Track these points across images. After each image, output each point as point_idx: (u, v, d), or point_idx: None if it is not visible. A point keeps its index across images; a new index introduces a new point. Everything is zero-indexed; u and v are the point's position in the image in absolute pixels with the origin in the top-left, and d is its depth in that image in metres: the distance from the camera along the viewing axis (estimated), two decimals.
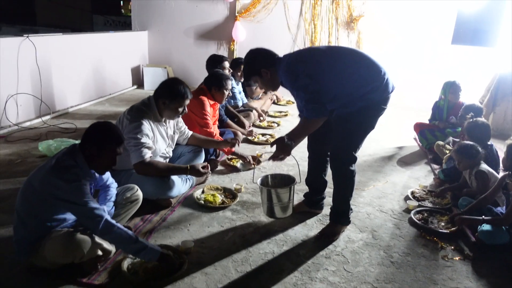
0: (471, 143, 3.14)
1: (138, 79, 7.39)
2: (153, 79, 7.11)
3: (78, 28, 13.21)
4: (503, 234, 2.56)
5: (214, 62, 4.49)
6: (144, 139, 2.68)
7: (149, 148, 2.71)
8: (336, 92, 2.39)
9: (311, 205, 2.93)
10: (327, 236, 2.61)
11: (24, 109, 4.68)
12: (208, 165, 2.93)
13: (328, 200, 2.93)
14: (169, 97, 2.77)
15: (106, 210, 2.11)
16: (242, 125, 4.60)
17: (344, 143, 2.48)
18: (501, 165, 3.24)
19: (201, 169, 2.81)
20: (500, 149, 3.62)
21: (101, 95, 6.25)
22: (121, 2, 17.93)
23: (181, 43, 7.47)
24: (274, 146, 2.52)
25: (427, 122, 4.62)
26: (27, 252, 2.07)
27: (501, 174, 2.91)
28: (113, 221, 2.01)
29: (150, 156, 2.72)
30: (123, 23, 15.93)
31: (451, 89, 4.39)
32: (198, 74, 4.63)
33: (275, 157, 2.54)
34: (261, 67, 2.49)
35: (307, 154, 2.83)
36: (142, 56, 7.53)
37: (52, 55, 5.04)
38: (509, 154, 2.66)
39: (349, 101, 2.38)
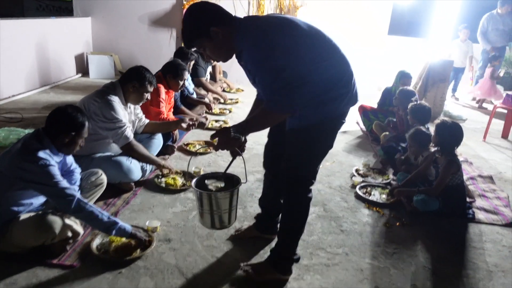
0: (425, 131, 3.39)
1: (82, 67, 7.16)
2: (98, 67, 6.93)
3: (7, 13, 12.27)
4: (434, 202, 2.94)
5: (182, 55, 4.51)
6: (123, 120, 2.82)
7: (129, 127, 2.85)
8: (301, 84, 1.81)
9: (262, 229, 2.48)
10: (251, 274, 2.12)
11: None
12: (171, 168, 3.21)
13: None
14: (140, 81, 2.90)
15: (77, 189, 2.16)
16: (208, 107, 5.01)
17: (298, 163, 2.00)
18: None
19: (172, 168, 3.20)
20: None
21: (45, 83, 6.00)
22: None
23: (128, 31, 7.32)
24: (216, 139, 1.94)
25: (373, 106, 4.98)
26: None
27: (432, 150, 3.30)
28: (85, 200, 2.08)
29: None
30: (58, 8, 15.05)
31: (401, 79, 4.76)
32: (146, 63, 4.50)
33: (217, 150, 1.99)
34: (211, 25, 1.81)
35: (255, 144, 2.70)
36: (86, 43, 7.29)
37: None
38: (437, 132, 3.04)
39: (308, 106, 1.87)
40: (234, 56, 1.96)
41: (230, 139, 1.89)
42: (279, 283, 2.13)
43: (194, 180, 2.06)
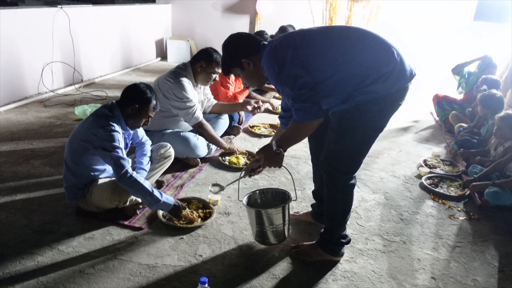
0: None
1: (161, 52, 7.61)
2: (176, 52, 7.33)
3: (98, 0, 13.20)
4: (508, 196, 2.74)
5: None
6: (194, 99, 3.01)
7: (198, 107, 3.04)
8: (332, 86, 1.82)
9: (317, 218, 2.49)
10: (300, 254, 2.19)
11: (59, 77, 4.97)
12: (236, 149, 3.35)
13: None
14: (207, 61, 3.03)
15: (130, 163, 2.27)
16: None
17: (338, 148, 1.92)
18: None
19: (236, 150, 3.33)
20: None
21: (127, 66, 6.50)
22: None
23: (204, 16, 7.61)
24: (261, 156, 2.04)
25: (447, 94, 4.70)
26: (76, 196, 2.35)
27: None
28: (134, 174, 2.18)
29: None
30: None
31: (486, 69, 4.46)
32: (219, 48, 4.68)
33: (256, 170, 2.14)
34: (242, 57, 1.97)
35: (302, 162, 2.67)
36: (165, 29, 7.72)
37: (83, 25, 5.27)
38: None
39: (349, 96, 1.82)
40: None
41: (274, 155, 1.98)
42: (330, 263, 2.15)
43: (245, 197, 2.20)
